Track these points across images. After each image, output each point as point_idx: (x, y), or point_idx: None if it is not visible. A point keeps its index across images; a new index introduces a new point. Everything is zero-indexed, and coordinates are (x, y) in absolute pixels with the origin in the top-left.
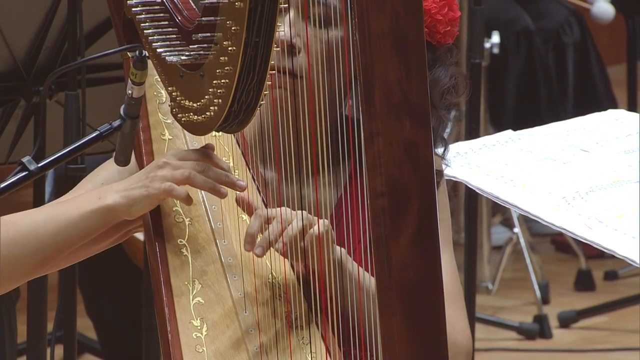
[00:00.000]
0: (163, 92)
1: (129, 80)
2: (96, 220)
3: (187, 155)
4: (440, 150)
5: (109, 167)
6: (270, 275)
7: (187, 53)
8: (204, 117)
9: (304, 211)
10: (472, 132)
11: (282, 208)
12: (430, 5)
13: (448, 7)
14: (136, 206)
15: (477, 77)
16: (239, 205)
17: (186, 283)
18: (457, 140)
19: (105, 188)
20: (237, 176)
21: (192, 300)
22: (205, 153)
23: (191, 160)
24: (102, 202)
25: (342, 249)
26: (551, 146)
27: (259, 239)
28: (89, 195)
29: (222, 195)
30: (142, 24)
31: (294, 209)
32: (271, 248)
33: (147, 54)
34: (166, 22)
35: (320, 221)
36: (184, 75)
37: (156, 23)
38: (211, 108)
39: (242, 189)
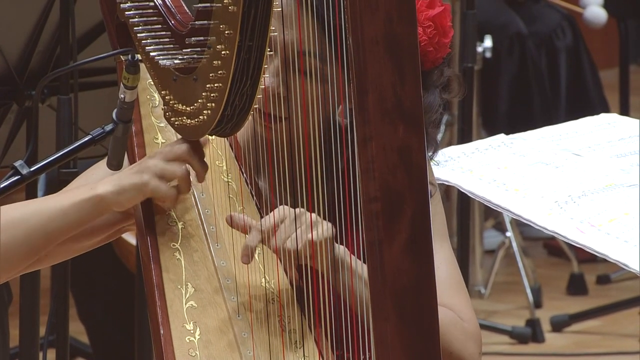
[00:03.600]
0: (156, 95)
1: (121, 84)
2: (86, 209)
3: (177, 148)
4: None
5: (102, 167)
6: (264, 279)
7: (180, 57)
8: (197, 121)
9: (306, 216)
10: (464, 136)
11: (280, 208)
12: (421, 37)
13: (440, 34)
14: (125, 195)
15: (469, 81)
16: (231, 226)
17: (179, 287)
18: (449, 144)
19: (97, 181)
20: (230, 178)
21: (185, 304)
22: (194, 146)
23: (182, 151)
24: (93, 191)
25: (342, 246)
26: (544, 150)
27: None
28: (81, 187)
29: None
30: (135, 28)
31: None
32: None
33: (139, 58)
34: (159, 26)
35: (323, 226)
36: (177, 79)
37: (149, 27)
38: (204, 112)
39: (200, 181)
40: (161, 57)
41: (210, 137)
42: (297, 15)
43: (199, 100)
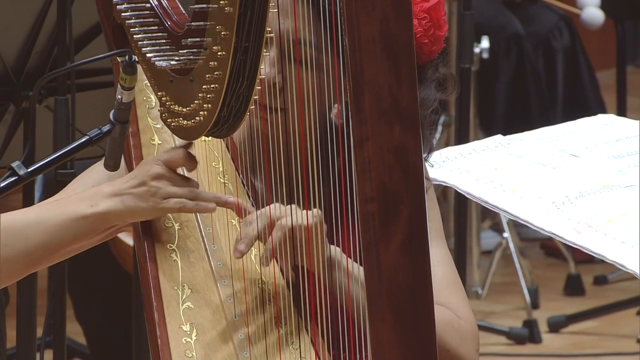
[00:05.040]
0: (152, 97)
1: (119, 85)
2: (88, 226)
3: (175, 158)
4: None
5: (99, 168)
6: (260, 280)
7: (176, 58)
8: (194, 122)
9: (293, 205)
10: (461, 137)
11: (272, 205)
12: (416, 28)
13: (435, 27)
14: (136, 217)
15: (466, 82)
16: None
17: (175, 288)
18: (446, 145)
19: (95, 191)
20: (226, 179)
21: (182, 305)
22: (191, 159)
23: (180, 158)
24: (94, 209)
25: (336, 247)
26: (541, 151)
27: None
28: (80, 197)
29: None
30: (131, 29)
31: None
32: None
33: (136, 59)
34: (156, 27)
35: (311, 212)
36: (174, 80)
37: (146, 28)
38: (201, 113)
39: (232, 206)
40: (157, 58)
41: (206, 138)
42: (293, 3)
43: (195, 102)
